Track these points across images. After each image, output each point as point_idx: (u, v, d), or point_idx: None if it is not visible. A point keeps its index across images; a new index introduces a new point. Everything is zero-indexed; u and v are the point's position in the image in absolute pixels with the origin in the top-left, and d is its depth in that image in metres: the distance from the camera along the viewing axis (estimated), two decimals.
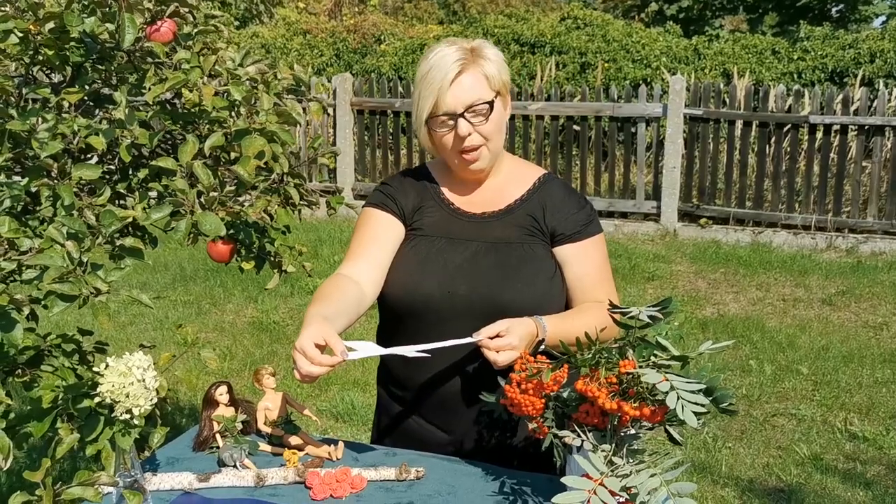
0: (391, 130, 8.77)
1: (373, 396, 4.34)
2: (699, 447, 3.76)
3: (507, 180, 1.80)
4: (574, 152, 8.23)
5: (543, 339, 1.57)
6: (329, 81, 9.00)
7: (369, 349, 1.56)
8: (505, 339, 1.50)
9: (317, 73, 10.88)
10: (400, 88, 8.65)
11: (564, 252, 1.74)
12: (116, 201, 1.98)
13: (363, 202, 1.96)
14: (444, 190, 1.81)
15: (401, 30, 11.82)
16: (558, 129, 8.20)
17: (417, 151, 8.55)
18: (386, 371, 1.87)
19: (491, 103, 1.66)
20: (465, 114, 1.64)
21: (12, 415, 1.91)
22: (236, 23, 15.52)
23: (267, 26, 14.54)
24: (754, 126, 7.52)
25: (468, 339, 1.54)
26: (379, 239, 1.77)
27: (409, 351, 1.57)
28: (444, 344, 1.56)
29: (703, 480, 3.48)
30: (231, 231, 2.04)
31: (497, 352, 1.50)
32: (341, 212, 8.48)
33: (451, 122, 1.66)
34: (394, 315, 1.76)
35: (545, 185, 1.80)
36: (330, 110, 8.87)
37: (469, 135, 1.65)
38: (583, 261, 1.74)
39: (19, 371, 1.90)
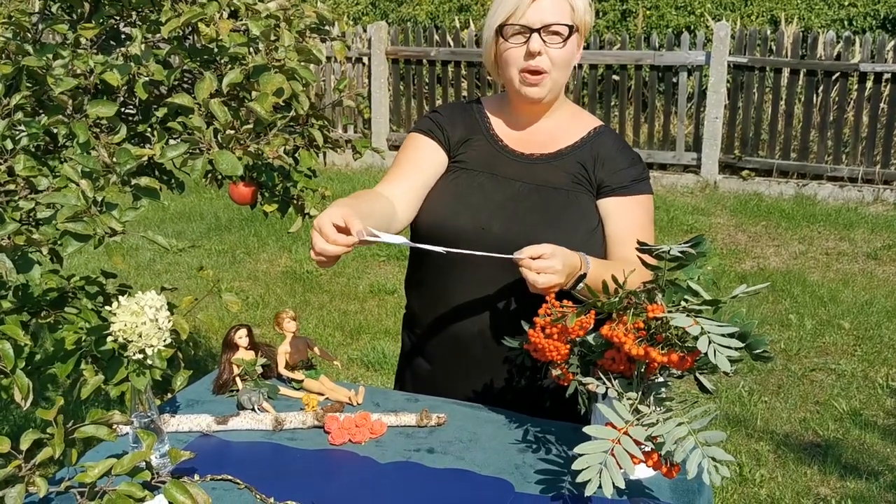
0: (427, 80, 8.64)
1: None
2: (734, 401, 3.69)
3: (562, 125, 1.73)
4: (613, 103, 8.02)
5: (585, 275, 1.49)
6: (365, 31, 8.87)
7: (395, 238, 1.44)
8: (548, 262, 1.41)
9: (353, 21, 10.74)
10: (436, 37, 8.50)
11: (607, 205, 1.67)
12: (140, 143, 1.95)
13: (395, 152, 1.89)
14: (496, 126, 1.75)
15: None
16: (597, 79, 7.99)
17: (454, 100, 8.43)
18: (410, 315, 1.83)
19: (571, 28, 1.59)
20: (542, 31, 1.57)
21: (38, 356, 1.92)
22: None
23: None
24: (801, 75, 7.25)
25: (509, 256, 1.45)
26: (420, 164, 1.71)
27: (441, 249, 1.47)
28: (480, 254, 1.48)
29: (737, 434, 3.42)
30: (253, 173, 2.01)
31: (538, 273, 1.43)
32: (377, 162, 8.45)
33: (525, 37, 1.58)
34: (414, 250, 1.71)
35: (600, 135, 1.73)
36: (365, 59, 8.76)
37: (539, 54, 1.59)
38: (624, 217, 1.66)
39: (44, 313, 1.91)
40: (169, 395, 1.77)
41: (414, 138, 1.76)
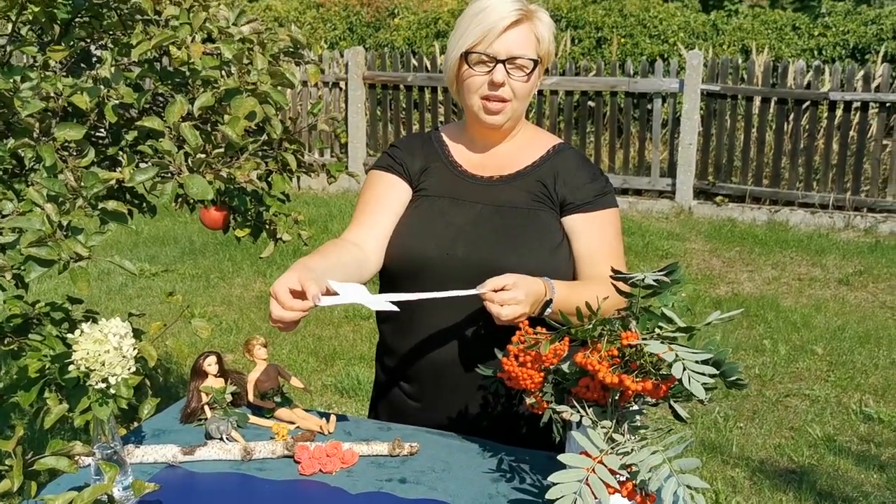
0: (403, 105, 8.67)
1: None
2: (710, 427, 3.69)
3: (521, 146, 1.74)
4: (589, 128, 8.09)
5: (551, 300, 1.49)
6: (342, 55, 8.90)
7: (354, 294, 1.42)
8: (510, 293, 1.41)
9: (329, 46, 10.76)
10: (413, 62, 8.54)
11: (572, 222, 1.66)
12: (110, 166, 1.92)
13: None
14: (454, 152, 1.75)
15: (415, 3, 11.65)
16: (573, 105, 8.06)
17: (430, 126, 8.45)
18: (382, 344, 1.81)
19: (535, 62, 1.61)
20: (507, 63, 1.58)
21: (1, 384, 1.87)
22: None
23: None
24: (772, 103, 7.36)
25: (471, 291, 1.45)
26: (385, 202, 1.70)
27: (402, 297, 1.46)
28: (444, 294, 1.47)
29: (713, 461, 3.41)
30: (225, 198, 1.98)
31: (501, 305, 1.42)
32: (353, 186, 8.42)
33: (489, 66, 1.59)
34: (391, 276, 1.70)
35: (560, 153, 1.73)
36: (342, 84, 8.77)
37: (502, 84, 1.60)
38: (591, 233, 1.66)
39: (7, 340, 1.86)
40: (136, 424, 1.73)
41: (374, 176, 1.76)
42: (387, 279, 1.72)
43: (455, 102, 8.79)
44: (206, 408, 1.59)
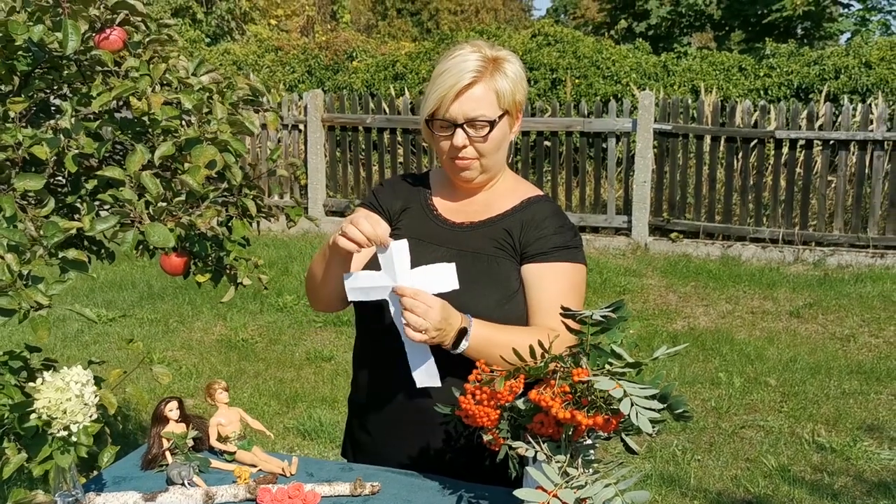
0: (363, 146, 8.75)
1: (341, 414, 4.30)
2: (668, 460, 3.75)
3: (499, 196, 1.76)
4: (545, 168, 8.25)
5: (466, 330, 1.53)
6: (301, 98, 8.97)
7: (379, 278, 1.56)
8: (423, 303, 1.47)
9: (288, 89, 10.84)
10: (371, 105, 8.64)
11: (527, 271, 1.67)
12: (68, 214, 1.93)
13: (334, 217, 1.93)
14: (435, 196, 1.79)
15: (373, 46, 11.81)
16: (529, 145, 8.22)
17: (389, 167, 8.53)
18: (353, 382, 1.85)
19: (492, 122, 1.62)
20: (465, 126, 1.62)
21: None
22: (207, 39, 15.44)
23: (238, 43, 14.49)
24: (722, 141, 7.59)
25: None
26: None
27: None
28: (415, 276, 1.53)
29: (671, 493, 3.46)
30: (185, 244, 2.01)
31: (407, 309, 1.47)
32: (311, 228, 8.43)
33: (450, 130, 1.63)
34: (359, 310, 1.75)
35: (532, 204, 1.74)
36: (301, 126, 8.83)
37: (464, 147, 1.63)
38: (543, 284, 1.66)
39: None
40: (95, 472, 1.72)
41: (360, 211, 1.81)
42: (356, 317, 1.77)
43: (414, 144, 8.89)
44: (168, 453, 1.60)
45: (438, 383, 1.58)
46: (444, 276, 1.51)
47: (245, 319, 5.80)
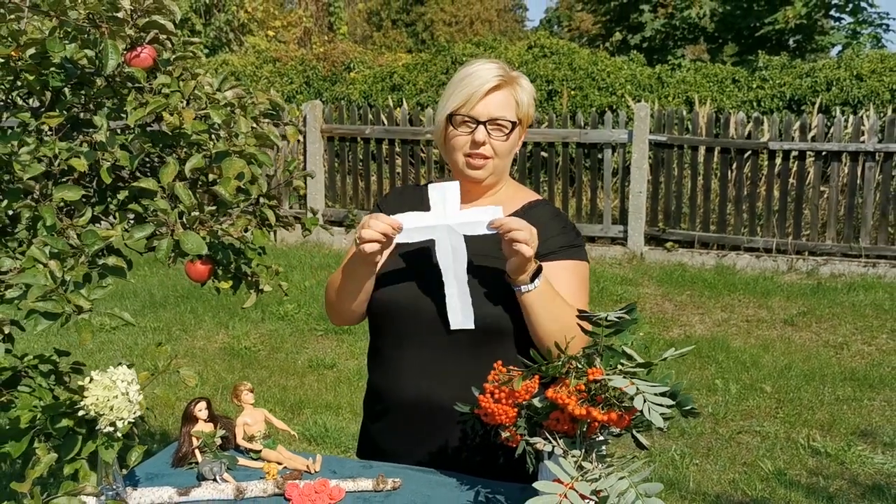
0: (361, 157, 8.84)
1: (345, 420, 4.35)
2: (667, 464, 3.83)
3: (500, 202, 1.83)
4: (542, 178, 8.35)
5: (541, 268, 1.65)
6: (299, 109, 9.06)
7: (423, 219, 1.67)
8: (525, 225, 1.59)
9: (287, 100, 10.93)
10: (370, 115, 8.73)
11: None
12: (94, 224, 2.01)
13: (333, 227, 2.02)
14: None
15: (370, 58, 11.92)
16: (526, 156, 8.32)
17: (388, 178, 8.62)
18: (369, 384, 1.92)
19: (513, 124, 1.76)
20: (487, 124, 1.74)
21: None
22: (206, 50, 15.55)
23: (237, 54, 14.59)
24: (716, 152, 7.72)
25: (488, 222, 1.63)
26: None
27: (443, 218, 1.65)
28: (466, 214, 1.64)
29: (671, 496, 3.54)
30: (210, 252, 2.09)
31: (514, 228, 1.58)
32: (311, 237, 8.51)
33: (471, 127, 1.75)
34: (372, 321, 1.84)
35: (534, 207, 1.85)
36: (300, 137, 8.92)
37: (483, 144, 1.75)
38: (554, 281, 1.73)
39: None
40: (124, 471, 1.80)
41: None
42: (370, 323, 1.85)
43: (412, 154, 8.97)
44: (197, 451, 1.67)
45: (472, 325, 1.69)
46: (492, 216, 1.63)
47: (247, 328, 5.87)
